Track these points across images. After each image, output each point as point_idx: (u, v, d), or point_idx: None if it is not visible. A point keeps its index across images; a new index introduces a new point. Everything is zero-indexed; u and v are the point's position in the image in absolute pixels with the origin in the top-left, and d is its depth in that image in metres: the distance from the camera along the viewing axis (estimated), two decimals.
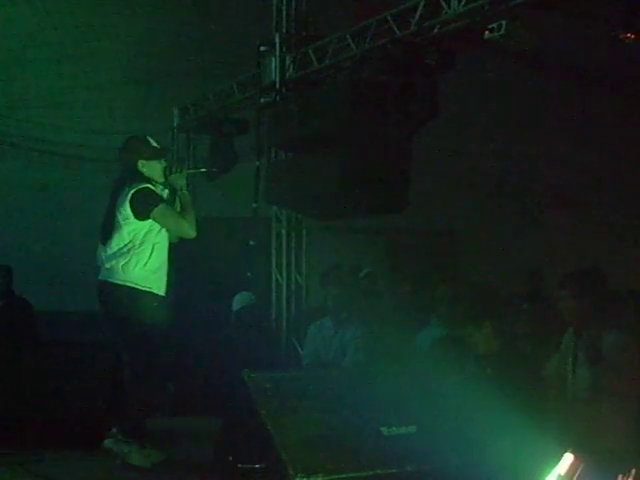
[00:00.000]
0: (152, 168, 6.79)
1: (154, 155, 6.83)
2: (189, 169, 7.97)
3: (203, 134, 10.76)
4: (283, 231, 9.63)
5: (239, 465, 5.91)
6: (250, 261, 9.56)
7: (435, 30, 7.26)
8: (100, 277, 6.77)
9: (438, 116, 7.40)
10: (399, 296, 9.67)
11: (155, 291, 6.71)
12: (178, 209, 6.85)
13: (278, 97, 8.88)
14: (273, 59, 8.97)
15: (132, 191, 6.58)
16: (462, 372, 6.56)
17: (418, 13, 7.33)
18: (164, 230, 6.72)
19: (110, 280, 6.68)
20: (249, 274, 9.29)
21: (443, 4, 7.10)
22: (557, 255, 10.92)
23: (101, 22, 11.14)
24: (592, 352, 6.35)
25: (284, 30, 9.14)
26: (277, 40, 9.02)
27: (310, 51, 8.70)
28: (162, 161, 6.87)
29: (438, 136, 9.44)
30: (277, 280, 9.70)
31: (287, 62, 8.95)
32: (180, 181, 6.86)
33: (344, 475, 5.31)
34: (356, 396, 5.99)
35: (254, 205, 8.97)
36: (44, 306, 10.06)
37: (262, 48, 9.11)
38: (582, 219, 12.82)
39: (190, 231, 6.74)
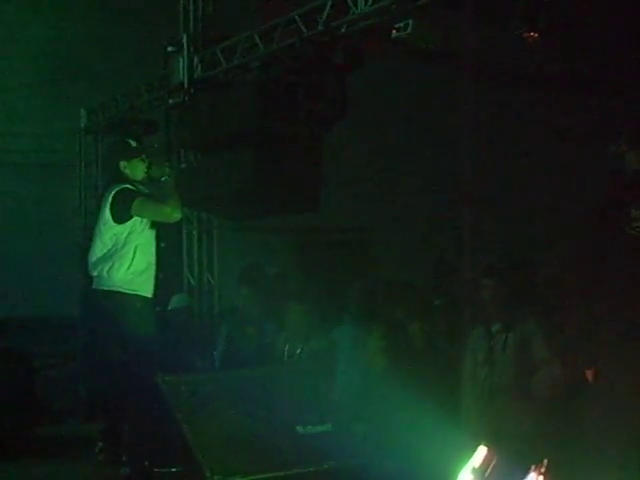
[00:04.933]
0: (134, 167, 6.91)
1: (134, 154, 6.93)
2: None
3: (111, 135, 10.62)
4: (194, 232, 9.57)
5: (156, 470, 5.88)
6: (161, 263, 9.50)
7: (343, 29, 7.29)
8: (93, 285, 6.81)
9: (347, 115, 7.45)
10: (310, 295, 9.71)
11: (141, 293, 6.76)
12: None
13: (187, 98, 8.82)
14: (181, 59, 8.90)
15: (112, 194, 6.68)
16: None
17: (325, 12, 7.34)
18: (147, 231, 6.79)
19: (98, 287, 6.74)
20: (160, 275, 9.25)
21: (350, 3, 7.12)
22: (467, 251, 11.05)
23: (5, 23, 10.93)
24: (502, 344, 6.49)
25: (191, 30, 9.08)
26: (184, 40, 8.95)
27: (218, 51, 8.65)
28: (144, 158, 6.95)
29: (349, 133, 9.48)
30: (189, 281, 9.64)
31: (195, 62, 8.89)
32: (161, 172, 7.02)
33: (262, 475, 5.32)
34: (271, 396, 5.99)
35: None
36: None
37: (169, 48, 9.03)
38: (490, 215, 12.99)
39: (173, 214, 6.82)
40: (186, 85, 8.85)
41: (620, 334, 5.15)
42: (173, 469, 5.77)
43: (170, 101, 9.06)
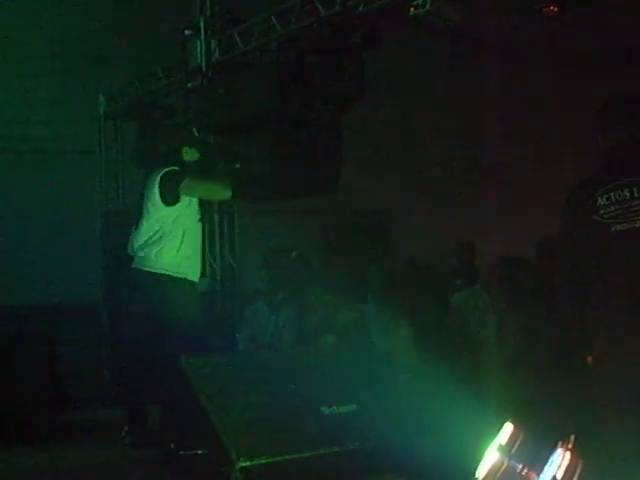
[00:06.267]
0: (192, 155, 7.12)
1: (196, 143, 7.26)
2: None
3: (130, 121, 10.63)
4: (215, 215, 9.57)
5: (181, 452, 5.89)
6: None
7: (360, 8, 7.24)
8: (134, 265, 6.80)
9: (364, 96, 7.43)
10: (333, 276, 9.70)
11: (190, 277, 6.82)
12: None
13: (205, 81, 8.82)
14: (198, 43, 8.89)
15: (160, 174, 6.70)
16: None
17: None
18: (194, 216, 6.80)
19: (144, 268, 6.76)
20: None
21: None
22: (489, 232, 11.05)
23: (22, 11, 10.94)
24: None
25: (208, 13, 9.06)
26: (202, 24, 8.94)
27: (235, 33, 8.64)
28: (197, 153, 7.17)
29: (371, 114, 9.48)
30: (211, 265, 9.65)
31: (212, 45, 8.87)
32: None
33: (287, 456, 5.31)
34: (294, 377, 5.99)
35: None
36: None
37: (187, 32, 9.03)
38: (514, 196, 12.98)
39: (224, 191, 7.01)
40: (204, 68, 8.84)
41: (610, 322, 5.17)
42: (199, 451, 5.78)
43: (188, 85, 9.06)
